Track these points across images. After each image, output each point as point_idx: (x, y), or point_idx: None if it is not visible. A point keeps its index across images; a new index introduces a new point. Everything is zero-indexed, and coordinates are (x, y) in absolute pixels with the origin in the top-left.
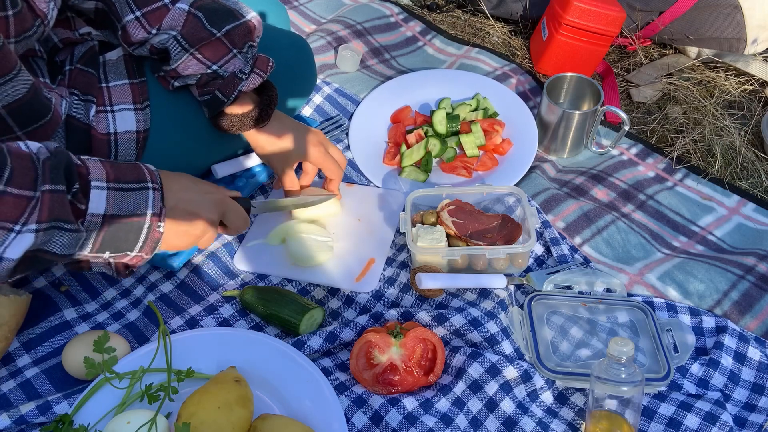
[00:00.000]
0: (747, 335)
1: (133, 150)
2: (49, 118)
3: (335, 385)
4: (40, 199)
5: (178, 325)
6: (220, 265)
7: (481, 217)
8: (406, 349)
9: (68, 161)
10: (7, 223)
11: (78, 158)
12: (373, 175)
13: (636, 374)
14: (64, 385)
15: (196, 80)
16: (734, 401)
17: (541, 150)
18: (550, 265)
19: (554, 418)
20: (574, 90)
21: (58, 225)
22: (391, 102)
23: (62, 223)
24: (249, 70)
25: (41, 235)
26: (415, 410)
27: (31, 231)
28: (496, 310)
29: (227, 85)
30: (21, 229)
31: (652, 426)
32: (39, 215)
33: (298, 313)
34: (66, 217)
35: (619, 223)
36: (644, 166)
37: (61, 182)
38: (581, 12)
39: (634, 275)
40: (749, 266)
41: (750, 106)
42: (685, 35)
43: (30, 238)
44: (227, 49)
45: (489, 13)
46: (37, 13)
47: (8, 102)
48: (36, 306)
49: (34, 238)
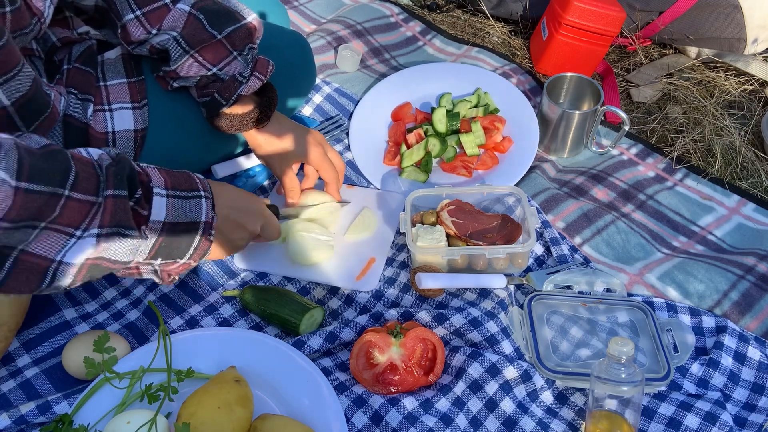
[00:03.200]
0: (747, 335)
1: (131, 149)
2: (49, 113)
3: (335, 385)
4: (102, 204)
5: (178, 325)
6: (220, 264)
7: (480, 217)
8: (406, 349)
9: (131, 168)
10: (69, 228)
11: (138, 165)
12: (372, 176)
13: (636, 374)
14: (64, 385)
15: (195, 82)
16: (734, 401)
17: (541, 150)
18: (550, 265)
19: (554, 418)
20: (574, 90)
21: (120, 231)
22: (392, 99)
23: (123, 229)
24: (249, 73)
25: (102, 240)
26: (415, 410)
27: (93, 236)
28: (496, 310)
29: (227, 88)
30: (82, 234)
31: (652, 426)
32: (101, 220)
33: (298, 313)
34: (128, 222)
35: (619, 223)
36: (644, 166)
37: (123, 188)
38: (581, 12)
39: (634, 275)
40: (749, 266)
41: (750, 106)
42: (685, 35)
43: (92, 242)
44: (227, 51)
45: (489, 13)
46: (34, 11)
47: (16, 98)
48: (36, 306)
49: (96, 244)
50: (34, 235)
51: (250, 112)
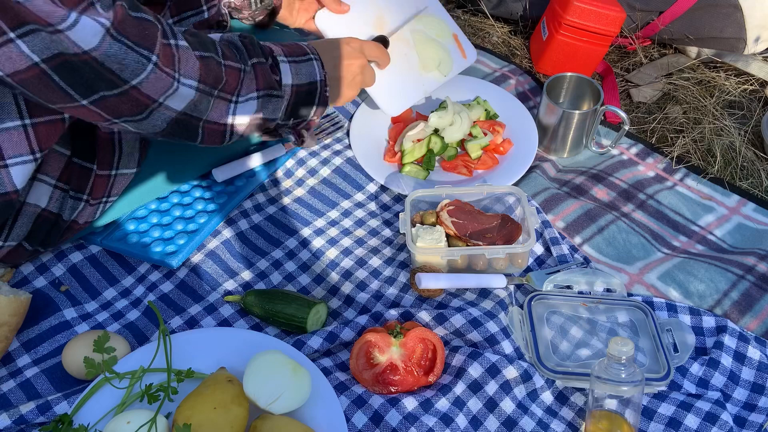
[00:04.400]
0: (747, 335)
1: (137, 149)
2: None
3: (335, 385)
4: (251, 71)
5: (178, 324)
6: (220, 264)
7: (480, 217)
8: (406, 349)
9: (258, 41)
10: (229, 95)
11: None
12: (374, 172)
13: (636, 374)
14: (64, 385)
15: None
16: (734, 401)
17: (541, 150)
18: (550, 264)
19: (554, 417)
20: (574, 90)
21: (270, 92)
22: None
23: (272, 90)
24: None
25: (260, 102)
26: (415, 410)
27: (254, 99)
28: (496, 309)
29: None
30: (237, 99)
31: (652, 426)
32: (257, 84)
33: (305, 307)
34: (273, 85)
35: (619, 222)
36: (644, 166)
37: (263, 56)
38: (581, 12)
39: (635, 275)
40: (749, 266)
41: (750, 106)
42: (685, 35)
43: (254, 105)
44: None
45: (489, 13)
46: None
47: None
48: (36, 306)
49: (257, 105)
50: (211, 103)
51: None
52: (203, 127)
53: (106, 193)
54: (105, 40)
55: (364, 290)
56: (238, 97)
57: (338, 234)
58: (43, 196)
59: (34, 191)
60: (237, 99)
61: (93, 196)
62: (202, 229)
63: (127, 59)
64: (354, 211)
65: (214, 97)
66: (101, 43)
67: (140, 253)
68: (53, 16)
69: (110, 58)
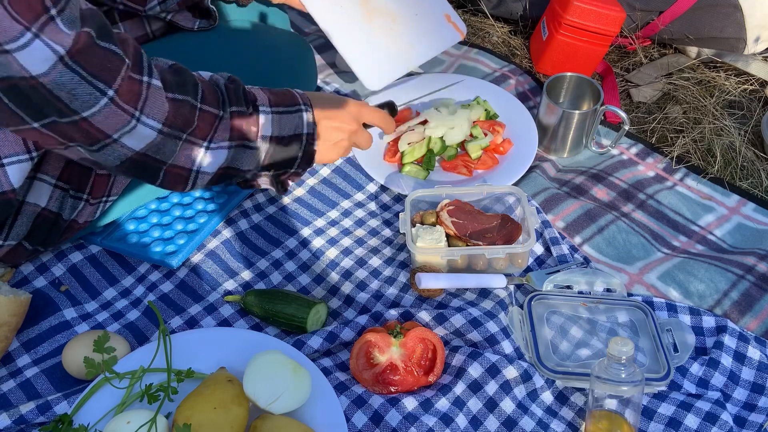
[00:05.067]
0: (747, 335)
1: None
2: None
3: (335, 385)
4: (229, 119)
5: (178, 324)
6: (220, 264)
7: (480, 217)
8: (406, 348)
9: (243, 87)
10: (201, 140)
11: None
12: (374, 172)
13: (636, 374)
14: (64, 385)
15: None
16: (734, 401)
17: (541, 150)
18: (550, 264)
19: (554, 417)
20: (574, 90)
21: (245, 143)
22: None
23: (247, 141)
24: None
25: (232, 151)
26: (415, 410)
27: (225, 148)
28: (496, 309)
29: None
30: (209, 146)
31: (652, 426)
32: (231, 134)
33: (305, 307)
34: (248, 136)
35: (619, 222)
36: (644, 166)
37: (243, 105)
38: (581, 12)
39: (635, 275)
40: (749, 266)
41: (750, 105)
42: (685, 35)
43: (224, 153)
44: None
45: (489, 13)
46: None
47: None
48: (36, 306)
49: (227, 154)
50: (179, 146)
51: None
52: (166, 171)
53: (106, 192)
54: (56, 67)
55: (364, 290)
56: (210, 144)
57: (338, 234)
58: (43, 196)
59: (34, 190)
60: (209, 145)
61: (93, 195)
62: (202, 229)
63: (78, 90)
64: (354, 211)
65: (182, 141)
66: (51, 70)
67: (140, 253)
68: (6, 33)
69: (59, 87)
